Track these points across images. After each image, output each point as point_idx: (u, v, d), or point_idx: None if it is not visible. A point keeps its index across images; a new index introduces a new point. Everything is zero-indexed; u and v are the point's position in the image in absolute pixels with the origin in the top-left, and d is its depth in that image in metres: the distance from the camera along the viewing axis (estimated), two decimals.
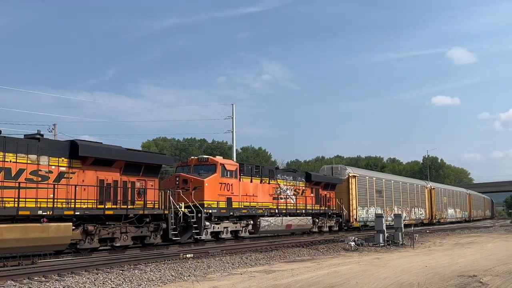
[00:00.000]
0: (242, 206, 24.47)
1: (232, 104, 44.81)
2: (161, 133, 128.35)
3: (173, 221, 19.93)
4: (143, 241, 19.38)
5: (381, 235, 22.21)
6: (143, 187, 19.40)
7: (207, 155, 25.36)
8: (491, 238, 28.61)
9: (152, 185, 19.88)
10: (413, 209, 45.97)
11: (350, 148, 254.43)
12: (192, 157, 24.84)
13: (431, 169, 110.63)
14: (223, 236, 23.49)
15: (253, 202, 25.39)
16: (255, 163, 26.96)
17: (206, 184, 22.24)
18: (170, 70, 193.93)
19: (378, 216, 23.91)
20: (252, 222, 25.24)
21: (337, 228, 33.39)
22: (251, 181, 25.58)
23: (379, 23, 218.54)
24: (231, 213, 23.72)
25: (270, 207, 26.59)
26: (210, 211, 22.11)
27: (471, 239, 27.83)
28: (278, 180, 27.80)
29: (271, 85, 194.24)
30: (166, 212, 19.80)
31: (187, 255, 16.03)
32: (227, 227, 23.76)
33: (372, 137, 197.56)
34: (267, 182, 26.82)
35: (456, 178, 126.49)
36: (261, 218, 25.51)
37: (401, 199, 43.78)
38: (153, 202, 19.71)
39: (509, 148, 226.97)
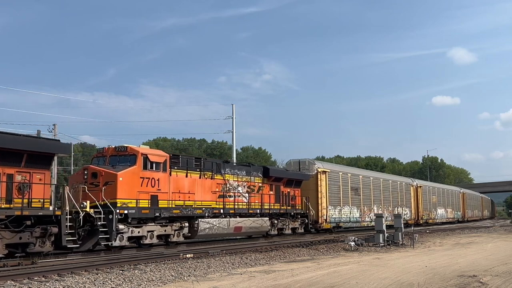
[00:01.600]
0: (173, 206, 20.30)
1: (232, 104, 44.90)
2: (161, 133, 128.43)
3: (68, 224, 15.86)
4: (25, 249, 15.14)
5: (381, 235, 22.22)
6: (27, 181, 15.45)
7: (207, 155, 24.81)
8: (491, 238, 28.60)
9: (40, 179, 15.92)
10: (396, 208, 41.86)
11: (350, 148, 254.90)
12: (110, 145, 20.78)
13: (431, 169, 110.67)
14: (147, 241, 19.40)
15: (190, 200, 21.23)
16: (198, 155, 21.90)
17: (120, 179, 18.10)
18: (170, 70, 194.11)
19: (378, 216, 23.93)
20: (187, 224, 21.13)
21: (302, 230, 29.68)
22: (186, 176, 21.28)
23: (380, 23, 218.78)
24: (157, 214, 19.52)
25: (213, 206, 22.55)
26: (126, 211, 18.09)
27: (471, 239, 27.83)
28: (226, 175, 23.77)
29: (271, 85, 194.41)
30: (58, 212, 15.68)
31: (187, 255, 16.04)
32: (152, 231, 19.55)
33: (372, 137, 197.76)
34: (210, 177, 22.67)
35: (456, 178, 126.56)
36: (200, 219, 21.48)
37: (382, 197, 40.02)
38: (42, 200, 15.76)
39: (509, 148, 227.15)
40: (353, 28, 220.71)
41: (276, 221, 27.21)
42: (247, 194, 25.20)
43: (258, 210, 25.66)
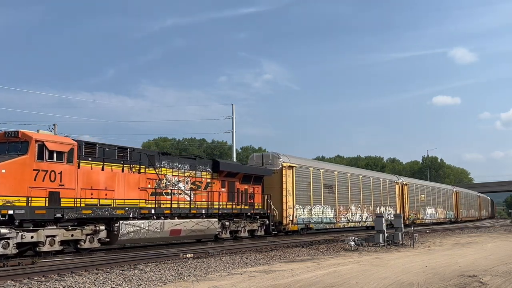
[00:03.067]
0: (83, 205, 16.87)
1: (232, 104, 44.89)
2: (161, 133, 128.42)
3: None
4: None
5: (381, 235, 22.23)
6: None
7: (207, 155, 24.35)
8: (491, 238, 28.60)
9: None
10: (378, 208, 38.67)
11: (350, 148, 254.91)
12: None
13: (431, 169, 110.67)
14: (44, 249, 15.69)
15: (107, 198, 17.68)
16: (124, 146, 19.34)
17: (3, 171, 14.85)
18: (170, 70, 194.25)
19: (378, 216, 23.94)
20: (104, 227, 17.51)
21: (262, 233, 26.33)
22: (103, 169, 17.67)
23: (380, 23, 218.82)
24: (59, 215, 16.02)
25: (141, 206, 19.06)
26: (11, 211, 14.74)
27: (471, 239, 27.82)
28: (162, 169, 20.43)
29: (271, 85, 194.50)
30: None
31: (187, 255, 16.04)
32: (53, 236, 15.97)
33: (372, 137, 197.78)
34: (138, 171, 19.16)
35: (456, 178, 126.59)
36: (122, 221, 17.97)
37: (362, 196, 36.66)
38: None
39: (509, 148, 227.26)
40: (353, 28, 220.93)
41: (228, 223, 23.57)
42: (190, 192, 21.62)
43: (203, 210, 22.02)
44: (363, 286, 10.69)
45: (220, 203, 23.26)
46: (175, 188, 21.01)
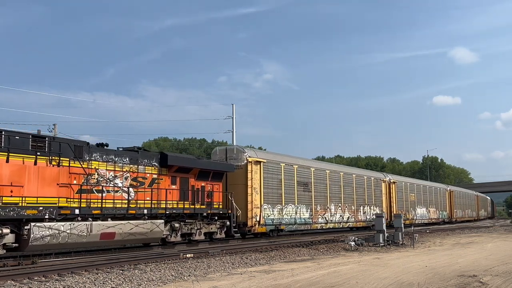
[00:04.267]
0: None
1: (232, 104, 44.82)
2: (161, 133, 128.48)
3: None
4: None
5: (381, 235, 22.23)
6: None
7: (207, 155, 23.66)
8: (491, 238, 28.60)
9: None
10: (361, 208, 35.96)
11: (350, 148, 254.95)
12: None
13: (431, 169, 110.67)
14: None
15: (14, 196, 14.88)
16: (41, 134, 15.79)
17: None
18: (170, 70, 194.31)
19: (378, 216, 23.94)
20: (8, 231, 14.55)
21: (222, 235, 23.43)
22: (7, 161, 14.81)
23: (380, 23, 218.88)
24: None
25: (61, 205, 16.23)
26: None
27: (471, 239, 27.82)
28: (93, 162, 17.69)
29: (271, 85, 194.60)
30: None
31: (187, 255, 16.04)
32: None
33: (372, 137, 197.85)
34: (57, 164, 16.26)
35: (456, 178, 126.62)
36: (34, 223, 15.02)
37: (343, 194, 33.65)
38: None
39: (510, 147, 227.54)
40: (353, 28, 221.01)
41: (178, 225, 20.63)
42: (130, 189, 18.96)
43: (145, 210, 19.03)
44: (363, 286, 10.69)
45: (169, 202, 20.30)
46: (110, 185, 18.23)
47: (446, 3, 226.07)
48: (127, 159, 19.12)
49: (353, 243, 21.31)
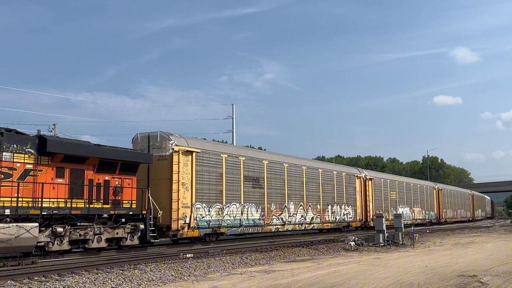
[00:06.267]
0: None
1: (232, 104, 44.83)
2: None
3: None
4: None
5: (381, 235, 22.24)
6: None
7: None
8: (491, 238, 28.61)
9: None
10: (329, 207, 31.83)
11: (350, 148, 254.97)
12: None
13: (431, 169, 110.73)
14: None
15: None
16: None
17: None
18: (170, 70, 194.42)
19: (378, 216, 23.94)
20: None
21: (135, 242, 18.71)
22: None
23: (381, 23, 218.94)
24: None
25: None
26: None
27: (471, 239, 27.83)
28: None
29: (271, 85, 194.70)
30: None
31: (187, 255, 16.04)
32: None
33: (372, 137, 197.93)
34: None
35: (456, 178, 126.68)
36: None
37: (305, 192, 29.44)
38: None
39: (510, 147, 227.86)
40: (354, 28, 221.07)
41: (61, 229, 16.08)
42: None
43: (7, 210, 14.53)
44: (363, 286, 10.69)
45: (53, 200, 16.08)
46: None
47: (446, 3, 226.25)
48: None
49: (353, 243, 21.34)
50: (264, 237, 26.67)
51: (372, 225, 35.30)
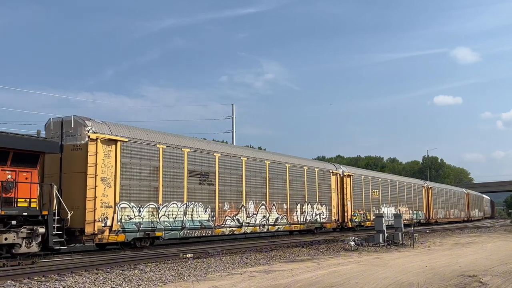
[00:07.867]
0: None
1: (232, 104, 44.83)
2: None
3: None
4: None
5: (381, 235, 22.25)
6: None
7: None
8: (491, 238, 28.61)
9: None
10: (299, 206, 28.74)
11: (350, 148, 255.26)
12: None
13: (431, 169, 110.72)
14: None
15: None
16: None
17: None
18: (170, 70, 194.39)
19: (378, 216, 23.95)
20: None
21: (34, 249, 15.00)
22: None
23: (381, 23, 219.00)
24: None
25: None
26: None
27: (471, 239, 27.84)
28: None
29: (271, 85, 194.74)
30: None
31: (187, 255, 16.04)
32: None
33: (372, 137, 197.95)
34: None
35: (456, 178, 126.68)
36: None
37: (268, 189, 26.30)
38: None
39: (510, 147, 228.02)
40: (355, 28, 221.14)
41: None
42: None
43: None
44: (363, 286, 10.69)
45: None
46: None
47: (446, 3, 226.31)
48: None
49: (353, 243, 21.34)
50: (264, 237, 25.78)
51: (350, 226, 34.15)
